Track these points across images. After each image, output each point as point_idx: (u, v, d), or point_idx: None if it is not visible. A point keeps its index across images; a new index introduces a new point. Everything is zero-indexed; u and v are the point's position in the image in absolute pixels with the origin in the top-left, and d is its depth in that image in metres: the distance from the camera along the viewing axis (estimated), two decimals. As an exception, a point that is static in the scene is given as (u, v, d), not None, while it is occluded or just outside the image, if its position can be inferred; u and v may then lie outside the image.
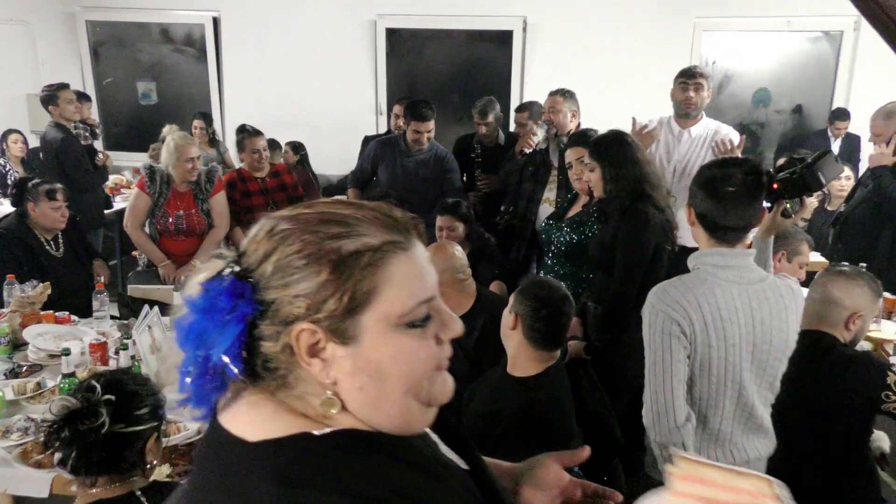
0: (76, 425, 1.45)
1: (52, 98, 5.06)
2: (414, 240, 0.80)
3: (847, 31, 6.34)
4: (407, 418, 0.80)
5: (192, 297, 0.76)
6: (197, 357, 0.75)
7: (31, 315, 3.11)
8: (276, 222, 0.79)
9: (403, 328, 0.77)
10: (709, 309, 1.78)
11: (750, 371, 1.84)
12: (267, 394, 0.78)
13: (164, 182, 3.92)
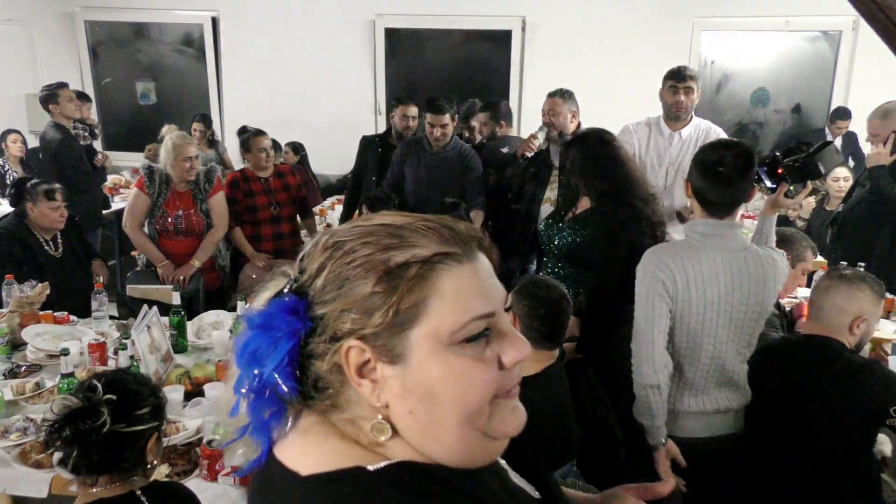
0: (77, 424, 1.45)
1: (52, 97, 5.06)
2: (475, 253, 0.75)
3: (846, 31, 6.34)
4: (465, 449, 0.73)
5: (251, 313, 0.74)
6: (251, 375, 0.73)
7: (30, 315, 3.11)
8: (331, 235, 0.76)
9: (456, 347, 0.71)
10: (692, 271, 2.04)
11: (727, 328, 2.07)
12: (320, 418, 0.75)
13: (163, 182, 3.92)
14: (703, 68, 6.64)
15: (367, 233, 0.74)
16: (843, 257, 3.95)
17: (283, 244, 4.30)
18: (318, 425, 0.75)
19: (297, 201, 4.44)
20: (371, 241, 0.73)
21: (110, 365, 2.77)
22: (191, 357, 3.03)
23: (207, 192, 3.99)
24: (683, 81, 3.59)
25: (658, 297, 2.05)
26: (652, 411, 2.09)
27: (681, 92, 3.58)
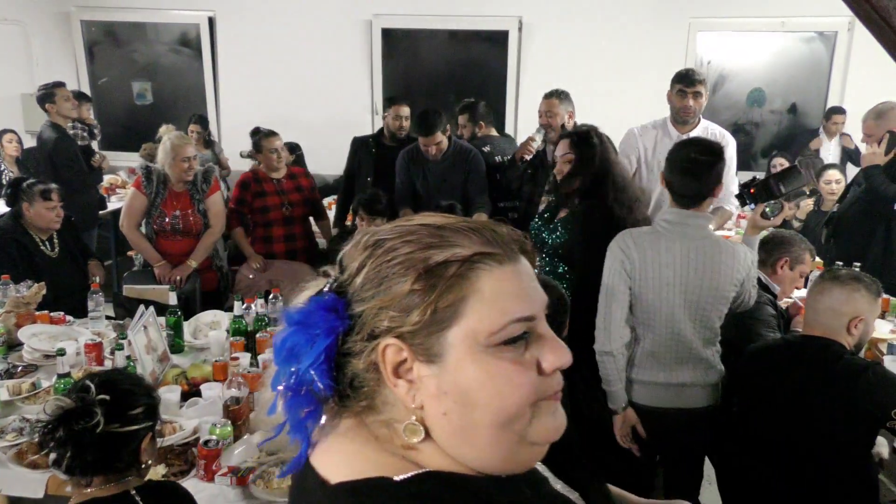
0: (71, 425, 1.45)
1: (49, 96, 5.05)
2: (517, 255, 0.74)
3: (841, 32, 6.36)
4: (500, 454, 0.71)
5: (290, 311, 0.74)
6: (288, 372, 0.73)
7: (26, 315, 3.10)
8: (372, 234, 0.76)
9: (494, 349, 0.70)
10: (651, 254, 2.29)
11: (682, 308, 2.30)
12: (356, 421, 0.74)
13: (160, 182, 3.92)
14: (699, 69, 6.63)
15: (408, 232, 0.74)
16: (838, 257, 3.97)
17: (296, 245, 4.29)
18: (353, 429, 0.74)
19: (309, 203, 4.41)
20: (412, 239, 0.72)
21: (107, 365, 2.76)
22: (187, 357, 3.03)
23: (205, 193, 3.98)
24: (692, 86, 3.56)
25: (618, 275, 2.32)
26: (608, 377, 2.37)
27: (689, 96, 3.56)
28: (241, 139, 4.52)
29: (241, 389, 2.35)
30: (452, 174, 4.13)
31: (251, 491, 1.98)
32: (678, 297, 2.30)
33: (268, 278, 4.09)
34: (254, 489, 1.98)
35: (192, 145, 4.01)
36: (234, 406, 2.27)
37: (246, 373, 2.52)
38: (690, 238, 2.30)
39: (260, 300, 3.19)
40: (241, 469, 2.03)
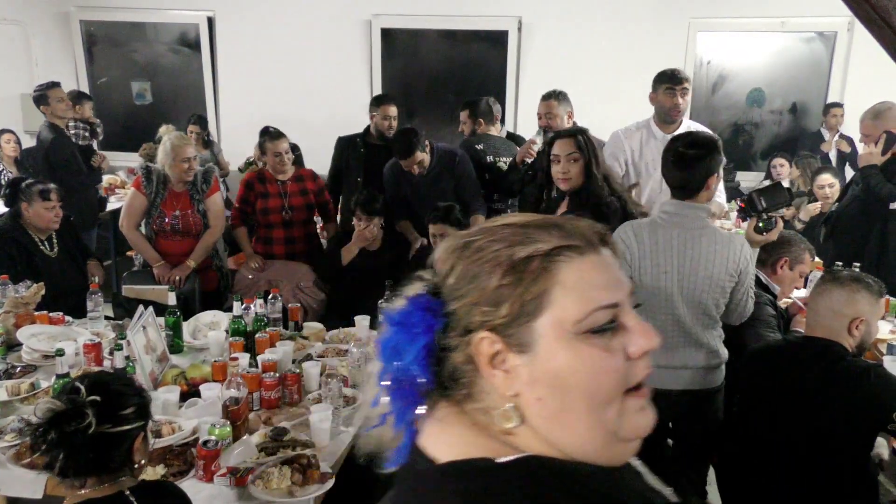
0: (62, 427, 1.44)
1: (42, 98, 5.06)
2: (597, 246, 0.78)
3: (841, 32, 6.36)
4: (594, 442, 0.75)
5: (391, 312, 0.80)
6: (392, 368, 0.79)
7: (25, 315, 3.10)
8: (460, 237, 0.81)
9: (583, 336, 0.74)
10: (648, 243, 2.40)
11: (679, 294, 2.40)
12: (456, 408, 0.79)
13: (160, 182, 3.91)
14: (698, 69, 6.66)
15: (493, 232, 0.79)
16: (837, 256, 3.97)
17: (296, 248, 4.25)
18: (453, 415, 0.79)
19: (313, 207, 4.35)
20: (497, 238, 0.77)
21: (106, 365, 2.76)
22: (187, 357, 3.03)
23: (204, 193, 3.98)
24: (680, 84, 3.54)
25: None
26: None
27: (678, 94, 3.53)
28: (240, 139, 4.52)
29: (240, 390, 2.35)
30: (441, 181, 4.07)
31: (250, 491, 1.98)
32: (674, 285, 2.40)
33: (267, 279, 4.09)
34: (253, 489, 1.98)
35: (192, 146, 3.99)
36: (233, 406, 2.27)
37: (245, 373, 2.52)
38: (687, 228, 2.40)
39: (259, 300, 3.19)
40: (240, 469, 2.02)
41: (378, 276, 3.55)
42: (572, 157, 2.89)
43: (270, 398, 2.52)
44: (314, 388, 2.67)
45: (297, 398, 2.58)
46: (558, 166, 2.94)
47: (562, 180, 2.95)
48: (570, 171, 2.90)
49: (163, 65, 7.35)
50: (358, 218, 3.84)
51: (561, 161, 2.92)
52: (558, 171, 2.94)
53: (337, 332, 3.29)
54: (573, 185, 2.92)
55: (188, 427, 2.24)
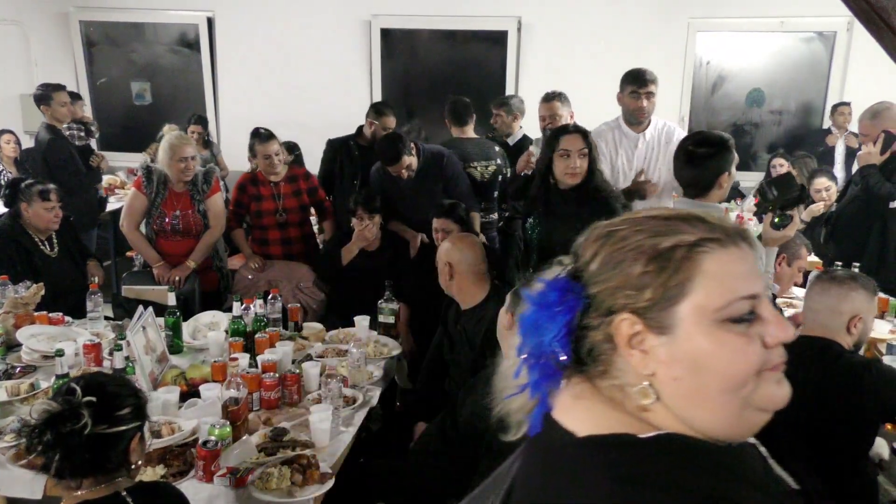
0: (58, 428, 1.44)
1: (45, 98, 5.05)
2: (738, 241, 0.82)
3: (840, 32, 6.36)
4: (727, 416, 0.79)
5: (531, 292, 0.86)
6: (532, 344, 0.84)
7: (25, 316, 3.10)
8: (603, 227, 0.86)
9: (722, 323, 0.78)
10: None
11: None
12: (589, 385, 0.84)
13: (161, 182, 3.91)
14: (698, 69, 6.66)
15: (637, 222, 0.84)
16: (837, 256, 3.97)
17: (292, 249, 4.24)
18: (587, 390, 0.84)
19: (307, 207, 4.33)
20: (642, 228, 0.82)
21: (105, 366, 2.76)
22: (186, 358, 3.03)
23: (205, 193, 3.97)
24: (645, 86, 3.51)
25: None
26: None
27: (642, 97, 3.51)
28: (239, 139, 4.50)
29: (239, 390, 2.35)
30: (428, 182, 4.01)
31: (250, 492, 1.98)
32: None
33: (266, 279, 4.09)
34: (252, 490, 1.98)
35: (191, 145, 3.96)
36: (232, 407, 2.27)
37: (245, 373, 2.52)
38: None
39: (259, 301, 3.19)
40: (240, 470, 2.02)
41: (377, 276, 3.55)
42: (582, 153, 2.93)
43: (270, 398, 2.53)
44: (314, 389, 2.67)
45: (296, 398, 2.58)
46: (567, 161, 2.95)
47: (570, 175, 2.95)
48: (580, 167, 2.93)
49: (162, 65, 7.35)
50: (359, 217, 3.82)
51: (571, 156, 2.94)
52: (567, 165, 2.95)
53: (337, 332, 3.29)
54: (580, 180, 2.95)
55: (188, 427, 2.24)
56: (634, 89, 3.52)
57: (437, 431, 2.37)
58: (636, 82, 3.52)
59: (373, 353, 3.01)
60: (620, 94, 3.60)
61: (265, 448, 2.16)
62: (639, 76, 3.53)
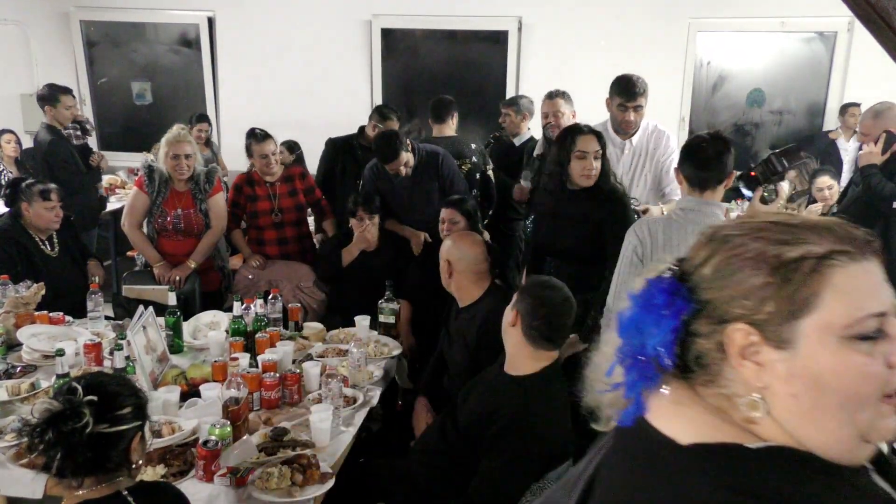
0: (60, 427, 1.44)
1: (52, 99, 5.09)
2: (868, 254, 0.78)
3: (841, 32, 6.36)
4: (840, 441, 0.76)
5: (634, 292, 0.83)
6: (633, 345, 0.81)
7: (25, 315, 3.11)
8: (718, 229, 0.83)
9: (848, 340, 0.74)
10: (661, 238, 2.48)
11: None
12: (691, 391, 0.81)
13: (162, 181, 3.90)
14: (698, 69, 6.66)
15: (757, 228, 0.80)
16: None
17: (289, 249, 4.23)
18: (690, 398, 0.81)
19: (303, 206, 4.33)
20: (763, 235, 0.78)
21: (106, 365, 2.76)
22: (187, 357, 3.03)
23: (207, 193, 3.96)
24: (633, 100, 3.40)
25: (629, 259, 2.54)
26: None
27: (630, 111, 3.42)
28: (240, 139, 4.49)
29: (240, 390, 2.35)
30: (423, 181, 3.99)
31: (250, 491, 1.98)
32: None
33: (267, 279, 4.09)
34: (253, 489, 1.98)
35: (187, 143, 3.89)
36: (233, 406, 2.27)
37: (245, 373, 2.52)
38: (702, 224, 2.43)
39: (259, 300, 3.19)
40: (241, 469, 2.03)
41: (377, 275, 3.55)
42: (597, 154, 2.90)
43: (270, 398, 2.53)
44: (314, 389, 2.67)
45: (297, 398, 2.59)
46: (584, 162, 2.90)
47: (586, 176, 2.91)
48: (596, 168, 2.90)
49: (163, 65, 7.35)
50: (359, 218, 3.82)
51: (588, 157, 2.90)
52: (584, 167, 2.90)
53: (337, 332, 3.29)
54: (594, 182, 2.92)
55: (188, 427, 2.24)
56: (622, 102, 3.41)
57: (438, 431, 2.37)
58: (624, 95, 3.41)
59: (373, 353, 3.01)
60: (609, 101, 3.51)
61: (265, 448, 2.16)
62: (627, 89, 3.40)
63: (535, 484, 1.99)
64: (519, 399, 2.07)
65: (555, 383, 2.16)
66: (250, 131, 4.26)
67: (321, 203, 4.46)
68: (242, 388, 2.37)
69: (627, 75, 3.44)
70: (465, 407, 2.26)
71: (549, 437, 2.04)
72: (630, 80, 3.41)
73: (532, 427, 2.02)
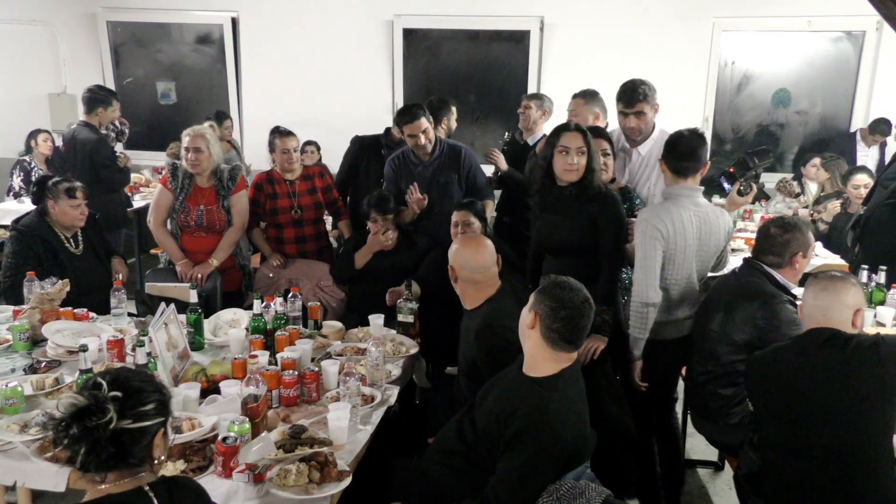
0: (84, 422, 1.46)
1: (105, 101, 5.33)
2: None
3: (869, 32, 6.26)
4: None
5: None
6: None
7: (51, 312, 3.15)
8: None
9: None
10: (677, 221, 2.81)
11: (693, 261, 2.89)
12: None
13: (186, 177, 3.94)
14: (723, 69, 6.59)
15: None
16: (864, 260, 3.91)
17: (307, 247, 4.25)
18: None
19: (322, 205, 4.34)
20: None
21: (128, 361, 2.80)
22: (207, 355, 3.06)
23: (230, 190, 4.00)
24: (632, 107, 3.37)
25: (656, 242, 2.79)
26: (646, 325, 2.83)
27: (630, 117, 3.40)
28: (262, 138, 4.53)
29: (259, 387, 2.36)
30: (443, 174, 4.00)
31: (268, 488, 2.00)
32: (692, 253, 2.87)
33: (287, 277, 4.11)
34: (270, 486, 2.00)
35: (200, 137, 3.89)
36: (252, 403, 2.29)
37: (264, 370, 2.54)
38: (696, 205, 2.87)
39: (279, 299, 3.21)
40: (259, 466, 2.04)
41: (395, 275, 3.56)
42: (580, 151, 2.95)
43: (289, 396, 2.54)
44: (332, 387, 2.68)
45: (315, 396, 2.60)
46: (566, 157, 2.96)
47: (567, 170, 2.97)
48: (577, 163, 2.95)
49: (187, 65, 7.44)
50: (373, 220, 3.83)
51: (570, 153, 2.95)
52: (566, 161, 2.96)
53: (356, 330, 3.30)
54: (576, 177, 2.98)
55: (208, 423, 2.26)
56: (621, 108, 3.41)
57: (455, 431, 2.37)
58: (622, 101, 3.40)
59: (391, 352, 3.02)
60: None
61: (283, 445, 2.17)
62: (625, 94, 3.38)
63: (553, 485, 1.98)
64: (538, 400, 2.05)
65: (573, 384, 2.15)
66: (274, 128, 4.29)
67: (338, 203, 4.48)
68: (261, 385, 2.39)
69: (630, 81, 3.41)
70: (483, 407, 2.25)
71: (567, 438, 2.03)
72: (629, 86, 3.39)
73: (551, 428, 2.01)
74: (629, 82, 3.40)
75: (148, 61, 7.49)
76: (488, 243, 2.78)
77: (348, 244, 4.12)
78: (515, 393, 2.13)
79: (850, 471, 2.14)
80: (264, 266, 4.23)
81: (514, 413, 2.06)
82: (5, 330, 3.13)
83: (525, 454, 2.01)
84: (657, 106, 3.44)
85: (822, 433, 2.15)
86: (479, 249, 2.72)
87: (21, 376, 2.71)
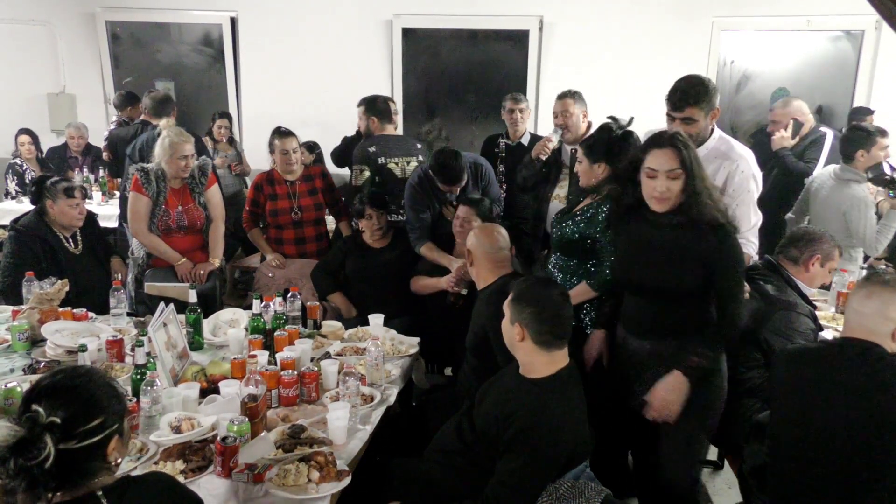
0: (20, 458, 1.30)
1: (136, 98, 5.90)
2: None
3: (868, 31, 6.26)
4: None
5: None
6: None
7: (50, 312, 3.15)
8: None
9: None
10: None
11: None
12: None
13: (160, 180, 3.91)
14: (722, 68, 6.59)
15: None
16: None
17: (307, 248, 4.26)
18: None
19: (322, 206, 4.34)
20: None
21: (127, 362, 2.80)
22: (207, 354, 3.05)
23: (203, 185, 4.00)
24: (678, 110, 2.85)
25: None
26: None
27: (677, 122, 2.87)
28: (262, 138, 4.52)
29: (258, 387, 2.36)
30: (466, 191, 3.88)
31: (267, 488, 1.99)
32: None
33: (286, 277, 4.11)
34: (269, 486, 1.99)
35: (190, 143, 3.91)
36: (251, 403, 2.28)
37: (264, 370, 2.53)
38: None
39: (278, 299, 3.21)
40: (258, 466, 2.04)
41: (390, 270, 3.55)
42: (673, 175, 2.30)
43: (289, 396, 2.54)
44: (332, 387, 2.68)
45: (314, 396, 2.60)
46: (653, 182, 2.33)
47: (656, 200, 2.34)
48: (669, 191, 2.31)
49: (186, 65, 7.43)
50: (368, 217, 3.82)
51: (659, 177, 2.31)
52: (654, 188, 2.33)
53: (355, 330, 3.30)
54: (671, 206, 2.34)
55: (207, 423, 2.26)
56: (668, 111, 2.92)
57: (455, 431, 2.37)
58: (669, 103, 2.89)
59: (391, 352, 3.02)
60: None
61: (283, 445, 2.17)
62: (673, 95, 2.87)
63: (552, 484, 1.98)
64: (536, 401, 2.06)
65: (571, 385, 2.15)
66: (276, 128, 4.29)
67: (339, 203, 4.48)
68: (261, 385, 2.39)
69: (681, 79, 2.88)
70: (481, 408, 2.25)
71: (566, 438, 2.03)
72: (679, 86, 2.86)
73: (549, 429, 2.01)
74: (681, 80, 2.86)
75: (147, 61, 7.48)
76: (503, 230, 2.95)
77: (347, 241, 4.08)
78: (514, 395, 2.13)
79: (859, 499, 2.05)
80: (264, 266, 4.23)
81: (513, 415, 2.06)
82: (4, 330, 3.13)
83: (524, 455, 2.01)
84: (716, 111, 2.88)
85: (833, 450, 2.07)
86: (489, 232, 2.90)
87: (20, 376, 2.71)
